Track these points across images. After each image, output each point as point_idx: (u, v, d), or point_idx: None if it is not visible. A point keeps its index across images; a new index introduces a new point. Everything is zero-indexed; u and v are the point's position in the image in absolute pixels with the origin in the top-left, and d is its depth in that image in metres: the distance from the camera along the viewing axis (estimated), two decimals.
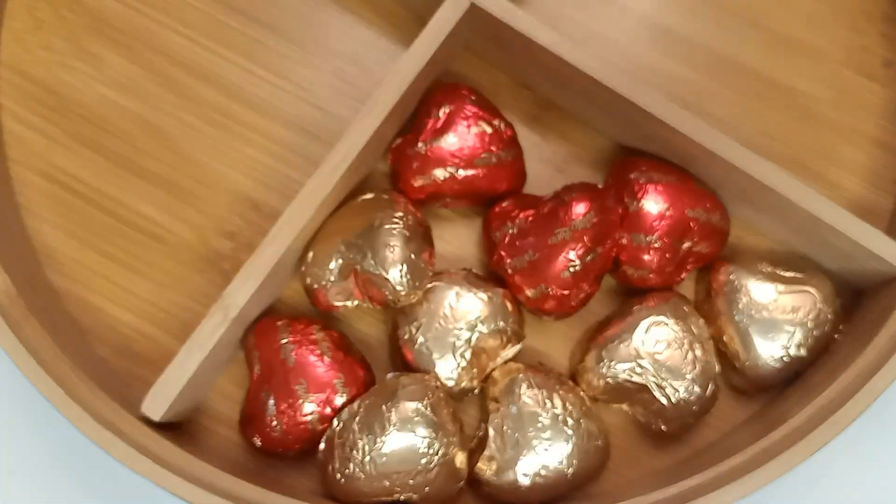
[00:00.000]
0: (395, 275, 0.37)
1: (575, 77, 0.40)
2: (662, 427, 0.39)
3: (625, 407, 0.39)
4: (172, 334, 0.42)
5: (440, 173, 0.40)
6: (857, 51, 0.46)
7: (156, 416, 0.36)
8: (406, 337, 0.39)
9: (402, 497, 0.36)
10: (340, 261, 0.38)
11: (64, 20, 0.45)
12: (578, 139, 0.45)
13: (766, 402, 0.42)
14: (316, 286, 0.39)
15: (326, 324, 0.40)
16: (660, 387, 0.38)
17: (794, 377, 0.40)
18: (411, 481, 0.35)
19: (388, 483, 0.35)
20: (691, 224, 0.40)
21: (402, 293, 0.37)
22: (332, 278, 0.38)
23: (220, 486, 0.35)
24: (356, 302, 0.39)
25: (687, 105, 0.45)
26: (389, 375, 0.38)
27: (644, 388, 0.38)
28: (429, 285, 0.39)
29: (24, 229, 0.43)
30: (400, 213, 0.38)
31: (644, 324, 0.39)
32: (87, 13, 0.45)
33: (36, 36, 0.45)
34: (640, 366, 0.38)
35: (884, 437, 0.44)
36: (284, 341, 0.38)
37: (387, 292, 0.37)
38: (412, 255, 0.37)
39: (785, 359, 0.39)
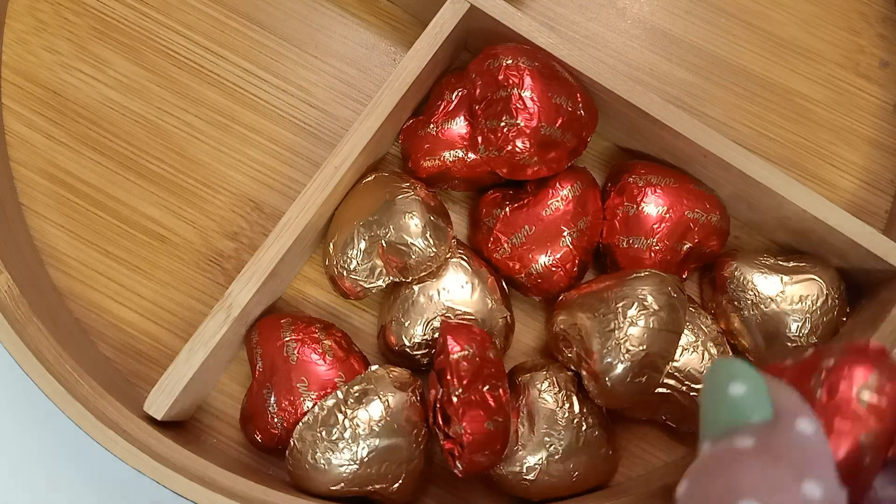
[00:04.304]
0: (419, 238, 0.37)
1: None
2: (695, 430, 0.39)
3: (654, 417, 0.39)
4: (175, 333, 0.42)
5: (449, 155, 0.40)
6: (854, 52, 0.47)
7: (158, 414, 0.36)
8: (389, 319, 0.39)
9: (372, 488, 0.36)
10: (363, 243, 0.38)
11: (66, 22, 0.45)
12: None
13: None
14: (344, 273, 0.39)
15: (328, 323, 0.40)
16: (682, 393, 0.38)
17: None
18: (374, 485, 0.36)
19: (343, 485, 0.36)
20: (691, 225, 0.40)
21: (429, 254, 0.37)
22: (358, 260, 0.38)
23: (223, 483, 0.35)
24: (386, 280, 0.39)
25: (684, 106, 0.46)
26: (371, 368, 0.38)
27: (668, 397, 0.38)
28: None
29: (27, 229, 0.43)
30: (408, 184, 0.39)
31: None
32: (89, 15, 0.45)
33: (38, 37, 0.45)
34: None
35: None
36: (287, 339, 0.38)
37: (413, 257, 0.37)
38: (431, 217, 0.38)
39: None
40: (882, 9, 0.47)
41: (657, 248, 0.39)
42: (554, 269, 0.39)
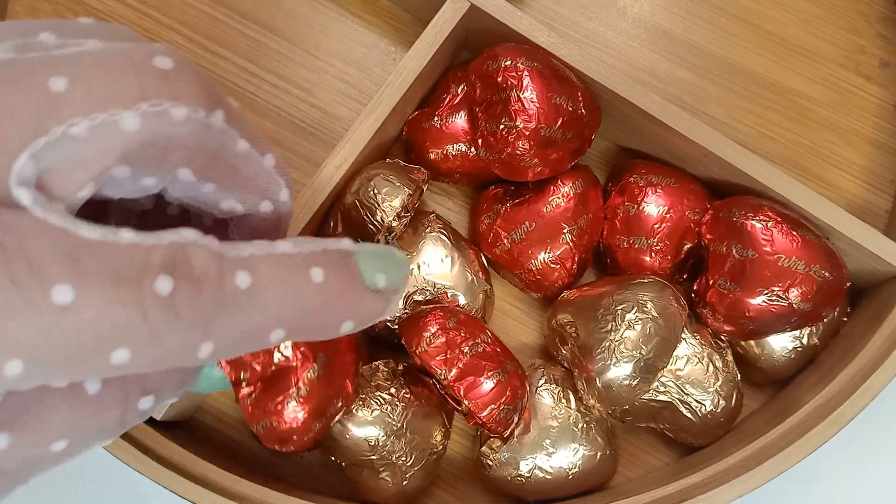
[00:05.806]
0: (365, 194, 0.37)
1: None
2: (692, 441, 0.39)
3: (652, 424, 0.39)
4: None
5: (452, 149, 0.40)
6: (854, 52, 0.47)
7: (158, 415, 0.36)
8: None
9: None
10: (339, 222, 0.38)
11: None
12: None
13: (765, 402, 0.42)
14: None
15: None
16: (684, 403, 0.38)
17: (807, 364, 0.41)
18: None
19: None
20: (692, 225, 0.40)
21: (381, 212, 0.37)
22: (338, 232, 0.38)
23: (221, 484, 0.35)
24: None
25: (685, 106, 0.46)
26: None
27: (669, 406, 0.38)
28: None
29: None
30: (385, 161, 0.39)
31: None
32: (88, 14, 0.45)
33: None
34: (662, 384, 0.38)
35: (881, 435, 0.44)
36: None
37: (380, 216, 0.37)
38: (383, 174, 0.38)
39: (799, 349, 0.40)
40: (882, 9, 0.47)
41: (658, 248, 0.39)
42: (553, 265, 0.39)
